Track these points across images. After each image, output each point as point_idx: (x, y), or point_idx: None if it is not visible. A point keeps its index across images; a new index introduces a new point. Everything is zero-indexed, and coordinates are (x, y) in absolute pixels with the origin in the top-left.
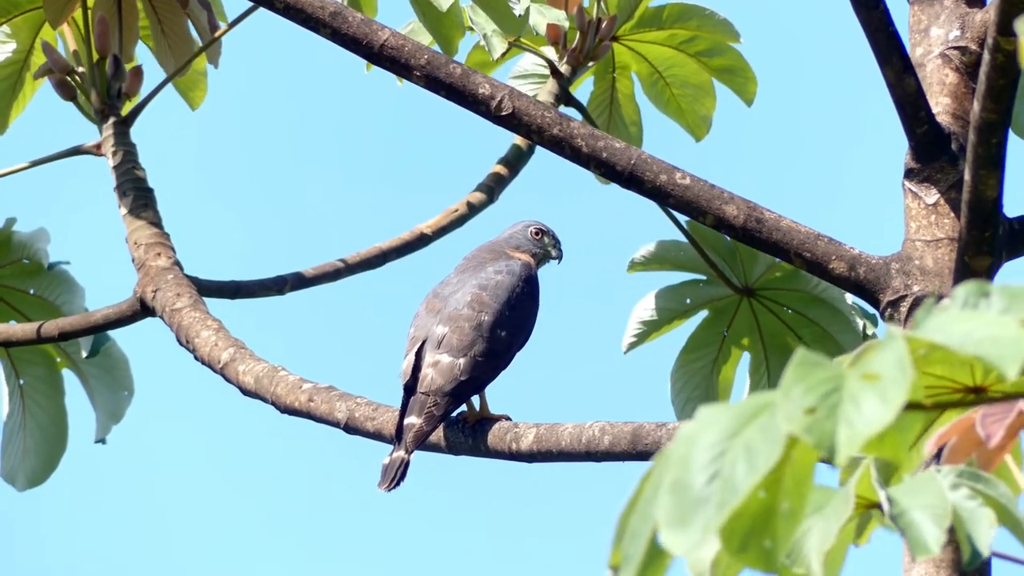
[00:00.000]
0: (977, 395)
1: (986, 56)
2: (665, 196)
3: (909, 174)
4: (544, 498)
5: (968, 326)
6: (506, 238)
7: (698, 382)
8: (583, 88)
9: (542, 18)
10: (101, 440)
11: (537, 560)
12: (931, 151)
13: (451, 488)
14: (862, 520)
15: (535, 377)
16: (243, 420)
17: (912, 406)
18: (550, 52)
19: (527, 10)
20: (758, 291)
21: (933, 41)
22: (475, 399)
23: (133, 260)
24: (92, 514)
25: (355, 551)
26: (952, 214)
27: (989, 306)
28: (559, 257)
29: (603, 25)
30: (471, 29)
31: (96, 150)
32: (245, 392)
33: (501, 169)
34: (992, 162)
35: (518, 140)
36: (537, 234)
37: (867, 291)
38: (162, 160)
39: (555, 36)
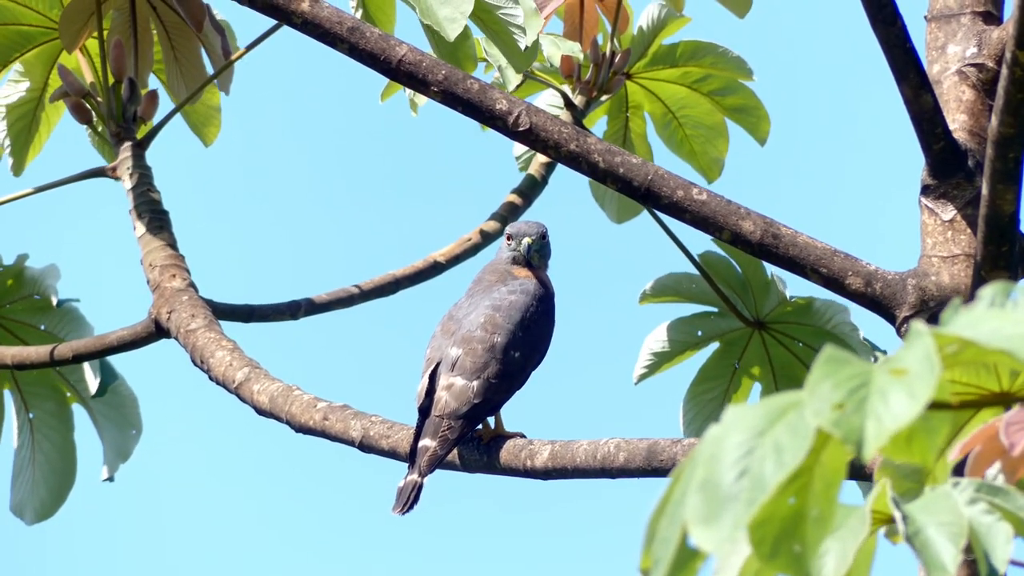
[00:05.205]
0: (1004, 401)
1: (1004, 70)
2: (682, 211)
3: (925, 190)
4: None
5: (996, 323)
6: (497, 252)
7: (709, 413)
8: (596, 127)
9: (556, 50)
10: (109, 479)
11: None
12: (948, 168)
13: (465, 505)
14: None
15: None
16: (258, 440)
17: (940, 406)
18: (565, 87)
19: (535, 44)
20: (769, 324)
21: (950, 58)
22: (490, 417)
23: (148, 282)
24: (103, 541)
25: (371, 570)
26: (968, 230)
27: (1016, 305)
28: (523, 262)
29: (617, 59)
30: (486, 61)
31: (112, 172)
32: (260, 411)
33: (515, 199)
34: (1009, 177)
35: (532, 170)
36: (509, 239)
37: (883, 307)
38: (176, 183)
39: (569, 69)
